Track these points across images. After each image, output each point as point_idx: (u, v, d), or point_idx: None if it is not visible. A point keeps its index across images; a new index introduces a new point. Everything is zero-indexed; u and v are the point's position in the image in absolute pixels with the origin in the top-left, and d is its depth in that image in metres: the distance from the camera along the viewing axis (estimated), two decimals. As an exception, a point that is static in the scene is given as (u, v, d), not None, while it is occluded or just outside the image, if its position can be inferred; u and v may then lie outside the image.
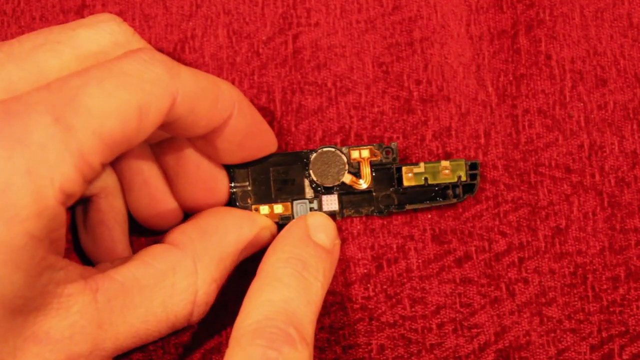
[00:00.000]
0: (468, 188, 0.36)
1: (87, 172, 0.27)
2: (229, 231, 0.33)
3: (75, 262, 0.30)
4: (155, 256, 0.31)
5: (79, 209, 0.35)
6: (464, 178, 0.35)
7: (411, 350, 0.36)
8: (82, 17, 0.38)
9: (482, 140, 0.37)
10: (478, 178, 0.35)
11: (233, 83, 0.37)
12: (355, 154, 0.36)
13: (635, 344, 0.36)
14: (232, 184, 0.35)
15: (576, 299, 0.36)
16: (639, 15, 0.38)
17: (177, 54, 0.38)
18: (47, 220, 0.26)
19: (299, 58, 0.38)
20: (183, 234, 0.32)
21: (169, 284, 0.30)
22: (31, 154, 0.25)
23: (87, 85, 0.27)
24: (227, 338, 0.36)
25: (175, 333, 0.35)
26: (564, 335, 0.36)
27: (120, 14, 0.38)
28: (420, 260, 0.36)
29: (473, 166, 0.36)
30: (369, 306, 0.36)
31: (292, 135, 0.37)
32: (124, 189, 0.35)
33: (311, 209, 0.36)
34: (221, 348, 0.35)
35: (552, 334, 0.36)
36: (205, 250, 0.32)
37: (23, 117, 0.26)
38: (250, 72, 0.38)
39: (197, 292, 0.31)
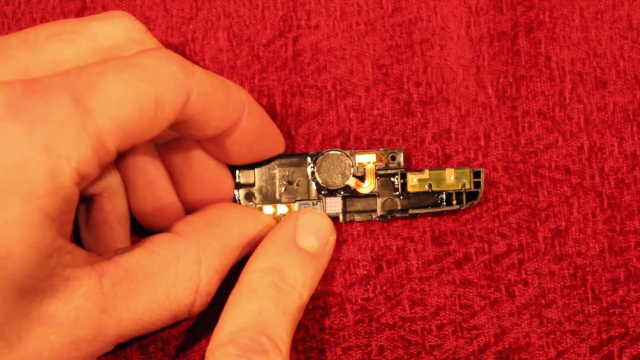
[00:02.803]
0: (471, 195, 0.36)
1: (103, 155, 0.27)
2: (234, 225, 0.33)
3: None
4: (160, 244, 0.31)
5: (81, 208, 0.36)
6: (467, 186, 0.35)
7: (411, 351, 0.36)
8: (83, 19, 0.38)
9: (482, 142, 0.37)
10: (482, 186, 0.35)
11: (233, 86, 0.38)
12: (360, 158, 0.36)
13: (635, 346, 0.36)
14: (237, 183, 0.36)
15: (576, 300, 0.36)
16: (638, 17, 0.38)
17: (178, 57, 0.38)
18: (61, 200, 0.26)
19: (299, 61, 0.38)
20: (189, 224, 0.32)
21: (172, 272, 0.30)
22: (50, 131, 0.26)
23: (106, 73, 0.27)
24: (227, 340, 0.36)
25: (177, 324, 0.35)
26: (564, 337, 0.36)
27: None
28: (420, 262, 0.36)
29: (477, 174, 0.36)
30: (369, 307, 0.36)
31: (292, 139, 0.37)
32: (128, 189, 0.35)
33: None
34: (221, 350, 0.36)
35: (552, 336, 0.36)
36: (209, 241, 0.32)
37: (43, 96, 0.26)
38: (250, 76, 0.38)
39: (200, 282, 0.31)
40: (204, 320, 0.36)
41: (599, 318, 0.36)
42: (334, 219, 0.36)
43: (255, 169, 0.36)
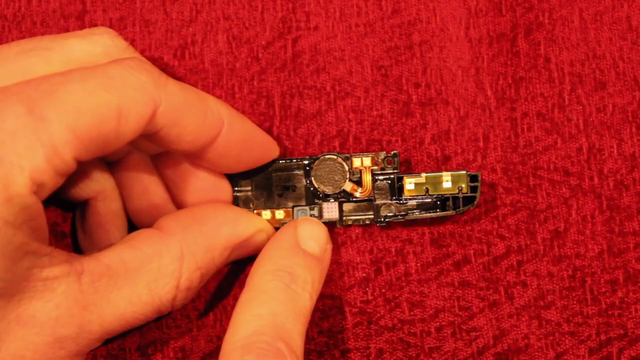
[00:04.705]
0: (468, 200, 0.35)
1: (59, 165, 0.27)
2: (223, 224, 0.33)
3: None
4: (143, 240, 0.31)
5: (77, 212, 0.36)
6: (465, 190, 0.35)
7: (410, 354, 0.36)
8: (83, 22, 0.38)
9: (481, 144, 0.37)
10: (479, 190, 0.35)
11: (232, 89, 0.38)
12: (357, 162, 0.36)
13: (634, 347, 0.36)
14: (235, 189, 0.36)
15: (575, 302, 0.36)
16: (638, 18, 0.38)
17: (177, 60, 0.38)
18: (19, 208, 0.26)
19: (298, 62, 0.38)
20: (175, 221, 0.32)
21: (154, 268, 0.31)
22: (1, 141, 0.26)
23: (68, 83, 0.27)
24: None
25: (160, 319, 0.35)
26: (563, 339, 0.36)
27: (120, 19, 0.38)
28: (419, 264, 0.36)
29: (474, 178, 0.35)
30: (368, 310, 0.36)
31: (291, 140, 0.37)
32: (124, 195, 0.35)
33: (311, 216, 0.36)
34: (220, 351, 0.36)
35: (551, 337, 0.36)
36: (194, 238, 0.32)
37: None
38: (249, 78, 0.38)
39: (181, 277, 0.31)
40: (203, 323, 0.36)
41: (597, 319, 0.36)
42: (331, 224, 0.36)
43: (252, 175, 0.36)
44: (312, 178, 0.36)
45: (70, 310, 0.28)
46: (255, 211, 0.36)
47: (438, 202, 0.36)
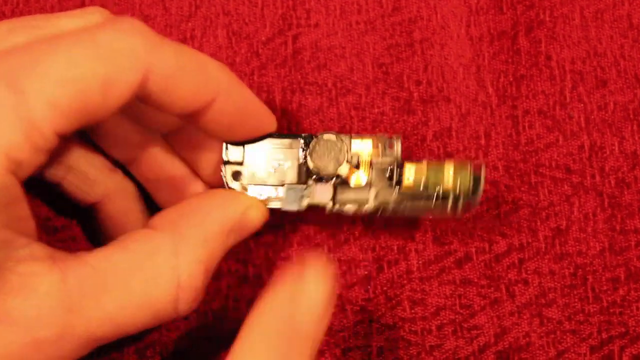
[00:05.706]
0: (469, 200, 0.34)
1: (39, 140, 0.26)
2: (212, 210, 0.31)
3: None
4: (132, 240, 0.29)
5: (93, 222, 0.35)
6: (465, 189, 0.33)
7: (411, 352, 0.36)
8: (82, 18, 0.38)
9: (483, 141, 0.37)
10: (479, 193, 0.34)
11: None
12: (356, 145, 0.33)
13: (635, 345, 0.36)
14: (225, 160, 0.33)
15: (576, 300, 0.36)
16: (639, 16, 0.38)
17: (177, 55, 0.38)
18: None
19: (298, 59, 0.38)
20: (164, 217, 0.30)
21: (146, 268, 0.28)
22: None
23: (52, 53, 0.26)
24: (226, 344, 0.35)
25: (175, 328, 0.35)
26: (564, 337, 0.36)
27: (119, 14, 0.38)
28: (420, 262, 0.36)
29: (477, 180, 0.34)
30: (369, 308, 0.36)
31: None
32: (152, 192, 0.34)
33: (302, 197, 0.33)
34: (220, 353, 0.35)
35: (552, 335, 0.36)
36: (187, 231, 0.30)
37: None
38: (249, 72, 0.38)
39: (181, 275, 0.29)
40: (202, 324, 0.36)
41: (599, 317, 0.36)
42: (322, 207, 0.33)
43: (245, 146, 0.33)
44: (308, 157, 0.33)
45: (52, 311, 0.26)
46: (242, 185, 0.33)
47: (437, 199, 0.35)
